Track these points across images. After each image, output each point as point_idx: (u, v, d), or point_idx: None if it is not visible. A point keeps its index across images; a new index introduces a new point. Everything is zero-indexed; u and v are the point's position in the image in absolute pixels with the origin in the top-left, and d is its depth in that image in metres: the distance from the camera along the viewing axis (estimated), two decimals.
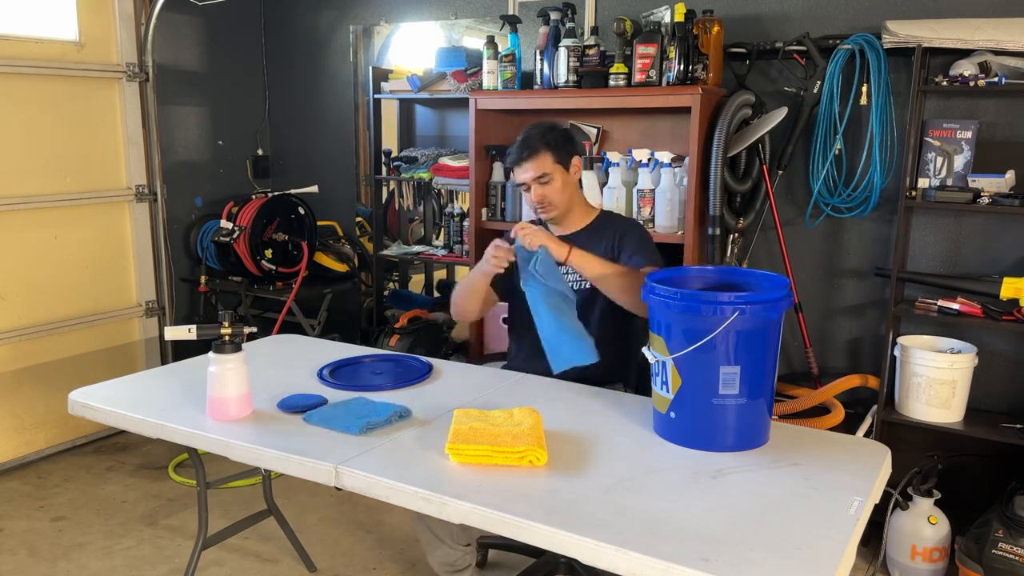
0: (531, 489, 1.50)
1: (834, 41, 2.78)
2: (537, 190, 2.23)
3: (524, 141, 2.23)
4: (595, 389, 2.07)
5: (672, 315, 1.68)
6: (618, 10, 3.17)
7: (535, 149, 2.20)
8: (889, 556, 2.62)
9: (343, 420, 1.79)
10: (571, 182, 2.27)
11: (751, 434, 1.70)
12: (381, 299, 4.02)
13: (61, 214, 3.54)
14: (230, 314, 1.86)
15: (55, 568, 2.67)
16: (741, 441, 1.68)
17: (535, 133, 2.23)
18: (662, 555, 1.26)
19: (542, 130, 2.24)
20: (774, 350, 1.71)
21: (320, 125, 4.17)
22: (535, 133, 2.23)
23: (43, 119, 3.43)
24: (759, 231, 3.07)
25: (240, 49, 4.20)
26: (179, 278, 4.00)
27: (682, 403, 1.68)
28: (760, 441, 1.71)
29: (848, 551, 1.30)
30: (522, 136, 2.25)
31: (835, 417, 2.75)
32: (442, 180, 3.60)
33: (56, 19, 3.45)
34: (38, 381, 3.51)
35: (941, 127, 2.66)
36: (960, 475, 2.73)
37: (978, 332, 2.73)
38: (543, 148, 2.20)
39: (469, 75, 3.41)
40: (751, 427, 1.70)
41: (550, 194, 2.23)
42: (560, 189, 2.24)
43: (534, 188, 2.23)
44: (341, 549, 2.80)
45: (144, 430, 1.89)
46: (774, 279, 1.80)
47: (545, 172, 2.21)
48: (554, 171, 2.22)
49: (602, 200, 2.98)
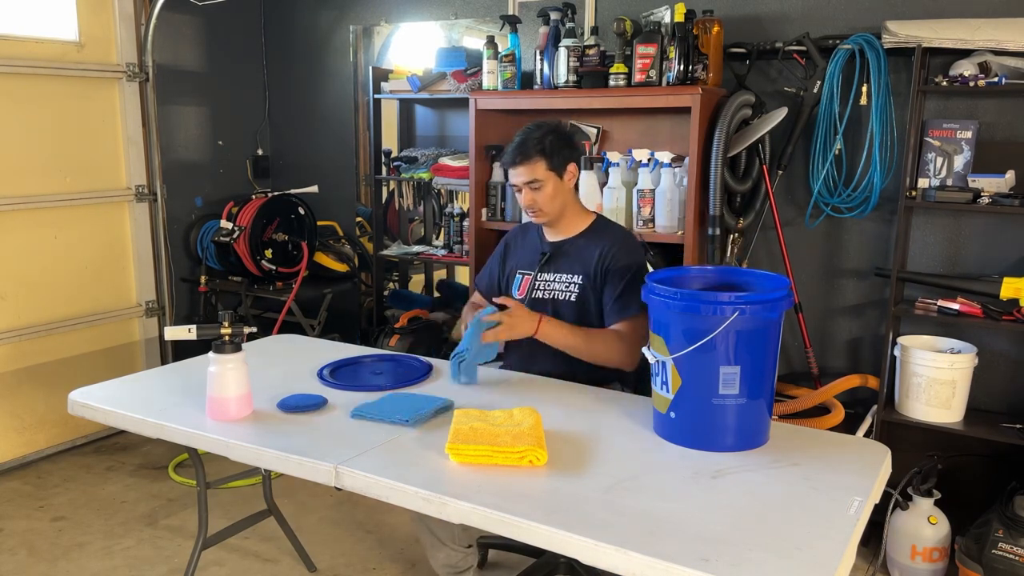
0: (531, 489, 1.50)
1: (834, 41, 2.78)
2: (528, 195, 2.20)
3: (520, 144, 2.19)
4: (595, 389, 2.07)
5: (672, 315, 1.67)
6: (618, 10, 3.17)
7: (529, 154, 2.16)
8: (889, 556, 2.62)
9: (392, 413, 1.81)
10: (564, 189, 2.22)
11: (751, 434, 1.70)
12: (381, 299, 4.02)
13: (61, 214, 3.54)
14: (230, 314, 1.86)
15: (55, 568, 2.67)
16: (741, 441, 1.68)
17: (533, 136, 2.19)
18: (662, 555, 1.26)
19: (540, 134, 2.19)
20: (774, 350, 1.71)
21: (320, 125, 4.17)
22: (533, 136, 2.19)
23: (43, 119, 3.43)
24: (759, 231, 3.07)
25: (240, 49, 4.20)
26: (179, 278, 4.00)
27: (682, 403, 1.68)
28: (760, 441, 1.71)
29: (848, 551, 1.30)
30: (520, 136, 2.22)
31: (835, 417, 2.75)
32: (442, 180, 3.60)
33: (56, 19, 3.46)
34: (38, 381, 3.51)
35: (941, 127, 2.66)
36: (960, 475, 2.73)
37: (978, 332, 2.73)
38: (537, 154, 2.16)
39: (469, 75, 3.41)
40: (751, 427, 1.69)
41: (540, 200, 2.20)
42: (551, 196, 2.20)
43: (525, 192, 2.21)
44: (341, 549, 2.80)
45: (144, 430, 1.89)
46: (774, 279, 1.80)
47: (537, 178, 2.17)
48: (546, 178, 2.18)
49: (602, 200, 2.98)
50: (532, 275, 2.30)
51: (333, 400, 1.95)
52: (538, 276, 2.29)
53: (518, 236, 2.45)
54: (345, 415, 1.86)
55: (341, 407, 1.91)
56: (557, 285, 2.26)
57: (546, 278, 2.28)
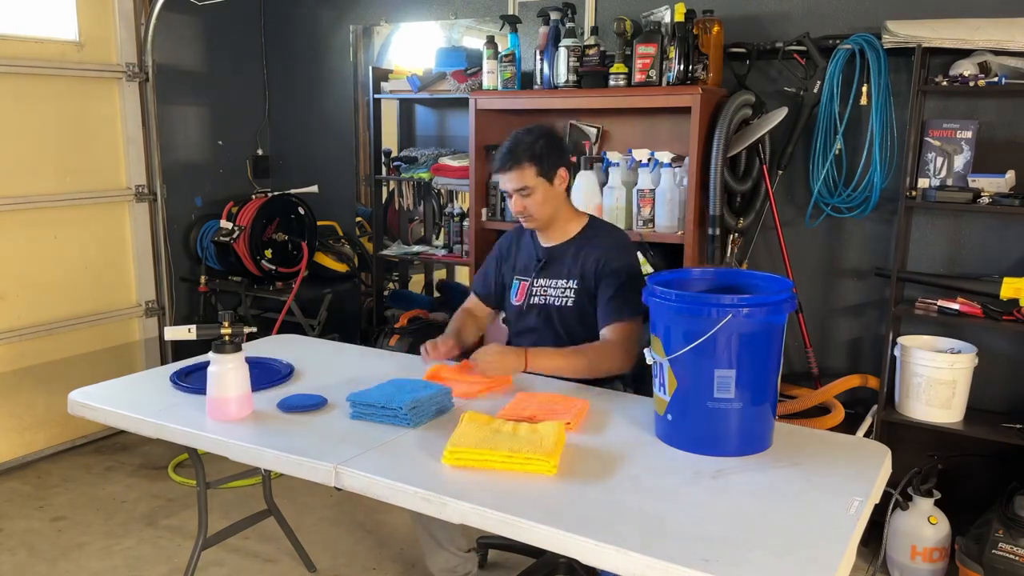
0: (531, 489, 1.50)
1: (834, 41, 2.78)
2: (518, 201, 2.19)
3: (509, 149, 2.17)
4: (595, 389, 2.07)
5: (669, 316, 1.66)
6: (618, 10, 3.16)
7: (518, 160, 2.14)
8: (889, 556, 2.62)
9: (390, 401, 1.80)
10: (555, 194, 2.20)
11: (750, 439, 1.67)
12: (381, 299, 4.02)
13: (61, 214, 3.54)
14: (230, 314, 1.86)
15: (55, 568, 2.67)
16: (739, 446, 1.65)
17: (523, 141, 2.16)
18: (662, 555, 1.26)
19: (530, 139, 2.16)
20: (777, 354, 1.68)
21: (320, 125, 4.17)
22: (523, 141, 2.16)
23: (43, 119, 3.43)
24: (759, 231, 3.07)
25: (240, 49, 4.20)
26: (179, 278, 3.99)
27: (678, 406, 1.67)
28: (762, 446, 1.68)
29: (848, 551, 1.30)
30: (509, 142, 2.19)
31: (835, 417, 2.75)
32: (442, 180, 3.60)
33: (56, 19, 3.45)
34: (38, 381, 3.51)
35: (941, 127, 2.66)
36: (960, 475, 2.73)
37: (978, 332, 2.73)
38: (527, 160, 2.14)
39: (469, 75, 3.41)
40: (750, 432, 1.67)
41: (530, 207, 2.19)
42: (541, 203, 2.19)
43: (515, 198, 2.19)
44: (341, 549, 2.80)
45: (144, 430, 1.89)
46: (778, 281, 1.78)
47: (526, 185, 2.15)
48: (536, 184, 2.16)
49: (602, 200, 2.98)
50: (528, 281, 2.30)
51: (333, 401, 1.94)
52: (535, 282, 2.29)
53: (513, 240, 2.43)
54: (345, 415, 1.86)
55: (341, 407, 1.90)
56: (553, 291, 2.26)
57: (542, 284, 2.28)
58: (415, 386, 1.91)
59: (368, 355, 2.47)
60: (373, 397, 1.85)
